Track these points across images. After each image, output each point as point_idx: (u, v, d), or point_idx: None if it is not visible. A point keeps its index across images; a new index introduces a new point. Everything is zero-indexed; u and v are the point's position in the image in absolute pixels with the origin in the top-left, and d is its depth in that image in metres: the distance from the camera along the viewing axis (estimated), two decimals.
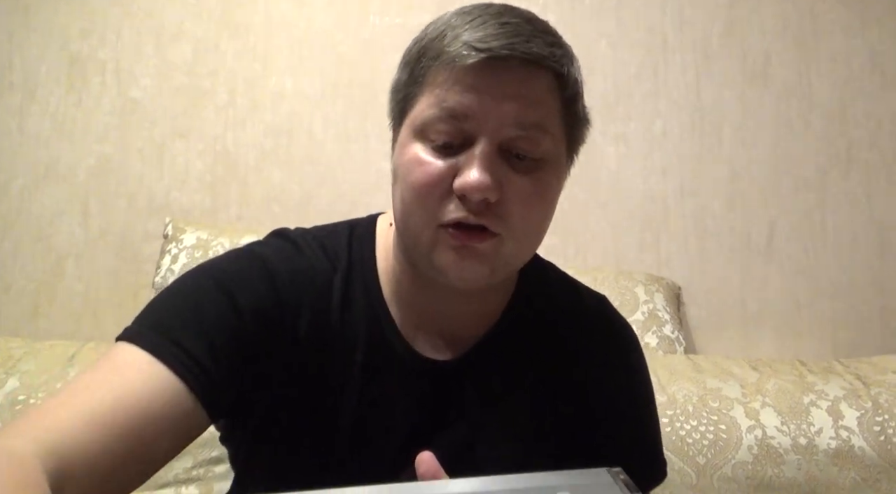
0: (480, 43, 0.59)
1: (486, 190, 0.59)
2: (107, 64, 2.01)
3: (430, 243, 0.63)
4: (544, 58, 0.60)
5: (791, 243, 1.90)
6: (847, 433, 1.24)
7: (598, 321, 0.77)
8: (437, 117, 0.61)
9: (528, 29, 0.61)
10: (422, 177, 0.62)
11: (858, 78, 1.95)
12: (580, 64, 0.67)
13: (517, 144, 0.61)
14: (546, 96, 0.62)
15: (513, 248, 0.64)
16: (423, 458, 0.52)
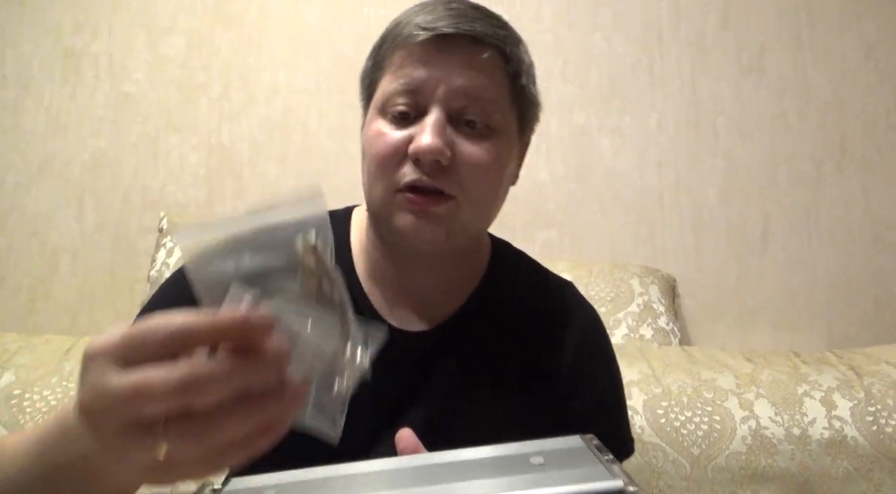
0: (429, 24, 0.67)
1: (436, 152, 0.65)
2: (100, 58, 2.01)
3: (390, 208, 0.69)
4: (487, 35, 0.68)
5: (786, 235, 1.90)
6: (840, 423, 1.24)
7: (564, 302, 0.81)
8: (395, 91, 0.68)
9: (473, 13, 0.69)
10: (381, 147, 0.68)
11: (854, 71, 1.95)
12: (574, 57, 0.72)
13: (466, 112, 0.67)
14: (491, 70, 0.68)
15: (468, 212, 0.69)
16: (402, 435, 0.55)
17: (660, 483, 1.23)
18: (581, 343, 0.78)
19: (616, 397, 0.81)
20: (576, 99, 1.98)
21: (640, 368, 1.36)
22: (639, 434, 1.26)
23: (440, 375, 0.74)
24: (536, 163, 1.95)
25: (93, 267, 1.94)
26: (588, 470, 0.50)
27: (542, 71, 2.19)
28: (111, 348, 0.36)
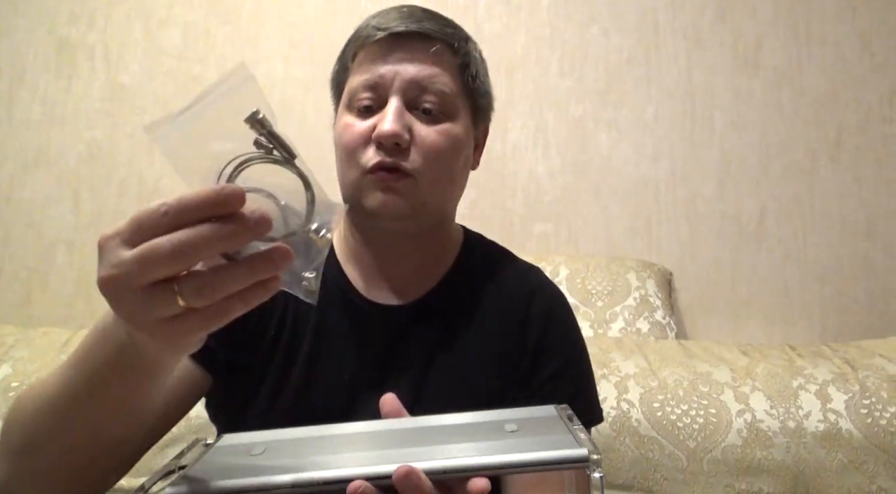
0: (382, 25, 0.77)
1: (395, 135, 0.74)
2: (96, 48, 1.99)
3: (361, 190, 0.76)
4: (435, 31, 0.77)
5: (781, 228, 1.91)
6: (835, 416, 1.25)
7: (530, 283, 0.88)
8: (358, 88, 0.77)
9: (421, 14, 0.79)
10: (349, 137, 0.77)
11: (849, 63, 1.95)
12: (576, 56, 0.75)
13: (421, 100, 0.76)
14: (440, 62, 0.78)
15: (426, 188, 0.77)
16: (386, 399, 0.59)
17: (656, 475, 1.24)
18: (546, 317, 0.85)
19: (580, 365, 0.86)
20: (572, 92, 1.98)
21: (636, 362, 1.37)
22: (635, 428, 1.27)
23: (414, 344, 0.80)
24: (533, 157, 1.95)
25: (89, 259, 1.93)
26: (557, 438, 0.53)
27: (539, 64, 2.18)
28: (119, 232, 0.43)
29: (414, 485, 0.50)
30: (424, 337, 0.82)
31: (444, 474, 0.51)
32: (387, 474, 0.50)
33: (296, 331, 0.81)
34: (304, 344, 0.80)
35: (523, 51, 1.99)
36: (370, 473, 0.51)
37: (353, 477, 0.50)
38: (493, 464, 0.52)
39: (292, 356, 0.80)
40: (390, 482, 0.50)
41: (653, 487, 1.24)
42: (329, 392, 0.78)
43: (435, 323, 0.83)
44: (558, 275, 1.67)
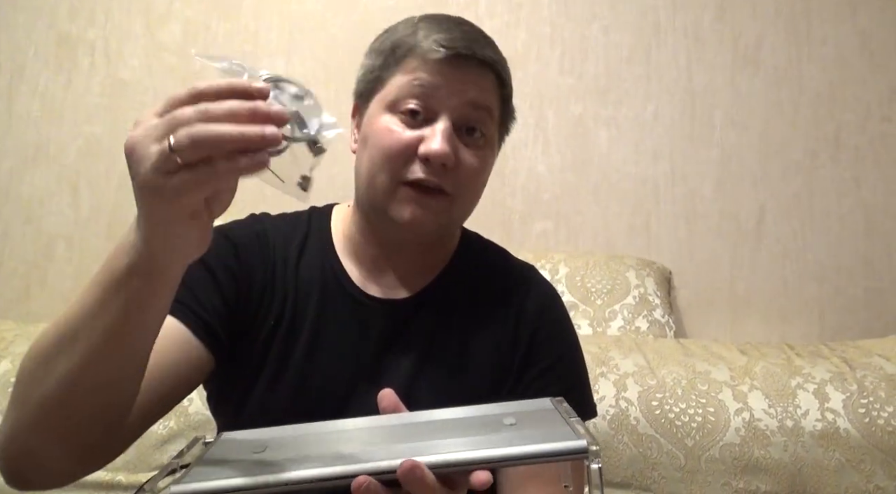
0: (448, 42, 0.77)
1: (446, 157, 0.75)
2: (96, 44, 1.99)
3: (391, 198, 0.78)
4: (494, 61, 0.79)
5: (780, 226, 1.92)
6: (833, 415, 1.26)
7: (525, 280, 0.90)
8: (408, 92, 0.77)
9: (483, 39, 0.80)
10: (392, 142, 0.77)
11: (848, 62, 1.95)
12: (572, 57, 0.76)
13: (469, 123, 0.78)
14: (491, 89, 0.80)
15: (458, 208, 0.81)
16: (384, 394, 0.60)
17: (654, 473, 1.24)
18: (539, 313, 0.86)
19: (573, 359, 0.88)
20: (573, 90, 1.98)
21: (635, 360, 1.37)
22: (634, 426, 1.27)
23: (411, 338, 0.82)
24: (533, 154, 1.95)
25: (88, 254, 1.93)
26: (556, 431, 0.55)
27: (539, 62, 2.18)
28: (154, 108, 0.49)
29: (418, 479, 0.50)
30: (421, 331, 0.83)
31: (446, 467, 0.52)
32: (391, 469, 0.51)
33: (294, 323, 0.82)
34: (303, 336, 0.81)
35: (524, 48, 1.99)
36: (374, 468, 0.51)
37: (357, 473, 0.51)
38: (495, 457, 0.52)
39: (290, 347, 0.81)
40: (394, 476, 0.50)
41: (651, 485, 1.25)
42: (326, 383, 0.79)
43: (431, 318, 0.84)
44: (557, 273, 1.67)
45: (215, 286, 0.79)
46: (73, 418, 0.61)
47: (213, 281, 0.79)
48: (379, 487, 0.51)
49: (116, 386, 0.63)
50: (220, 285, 0.80)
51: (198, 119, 0.47)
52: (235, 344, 0.81)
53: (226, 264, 0.81)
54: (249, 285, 0.82)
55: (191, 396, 1.32)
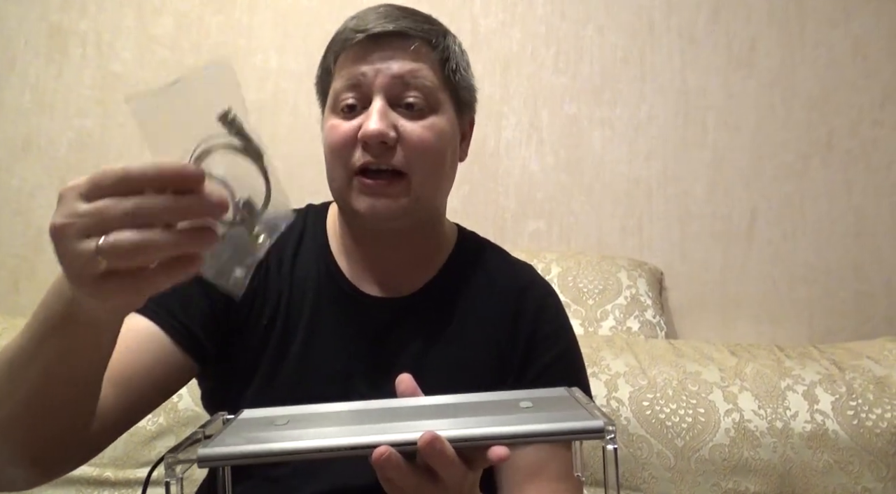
0: (360, 27, 0.79)
1: (380, 134, 0.75)
2: (87, 36, 1.97)
3: (348, 191, 0.78)
4: (412, 29, 0.79)
5: (771, 229, 1.92)
6: (822, 417, 1.26)
7: (523, 278, 0.90)
8: (341, 89, 0.79)
9: (398, 13, 0.80)
10: (335, 137, 0.78)
11: (841, 67, 1.96)
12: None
13: (404, 96, 0.78)
14: (420, 58, 0.79)
15: (419, 185, 0.78)
16: (402, 378, 0.60)
17: (644, 473, 1.25)
18: (537, 311, 0.87)
19: (572, 356, 0.88)
20: (567, 90, 1.98)
21: (626, 360, 1.37)
22: (624, 426, 1.27)
23: (408, 337, 0.82)
24: (527, 154, 1.95)
25: None
26: (573, 413, 0.56)
27: (534, 61, 2.18)
28: (78, 186, 0.45)
29: (438, 451, 0.51)
30: (418, 329, 0.83)
31: (466, 442, 0.52)
32: (412, 441, 0.51)
33: (289, 322, 0.82)
34: (298, 335, 0.82)
35: (519, 47, 1.99)
36: (395, 440, 0.52)
37: (378, 444, 0.51)
38: (514, 433, 0.53)
39: (285, 347, 0.81)
40: (415, 448, 0.51)
41: (640, 485, 1.25)
42: (323, 383, 0.79)
43: (429, 317, 0.84)
44: (550, 273, 1.67)
45: (202, 288, 0.79)
46: (31, 435, 0.62)
47: (200, 283, 0.79)
48: (399, 458, 0.51)
49: (70, 407, 0.63)
50: (208, 286, 0.79)
51: (128, 222, 0.43)
52: (228, 345, 0.81)
53: None
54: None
55: (180, 392, 1.31)
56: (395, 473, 0.52)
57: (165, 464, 0.51)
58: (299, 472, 0.78)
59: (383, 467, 0.52)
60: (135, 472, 1.30)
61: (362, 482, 0.76)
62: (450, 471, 0.52)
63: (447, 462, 0.52)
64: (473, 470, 0.55)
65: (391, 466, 0.51)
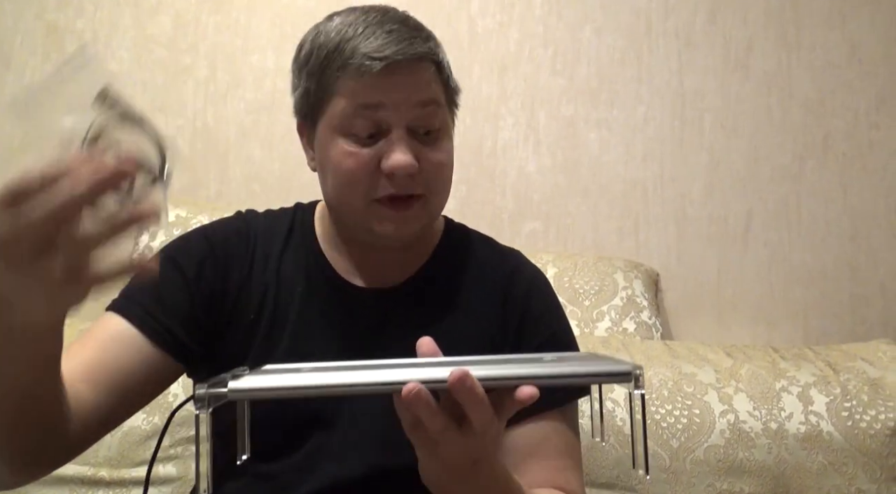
0: (377, 53, 0.75)
1: (409, 168, 0.76)
2: (84, 35, 1.97)
3: (369, 216, 0.79)
4: (426, 54, 0.78)
5: (767, 230, 1.93)
6: (816, 418, 1.27)
7: (510, 263, 0.91)
8: (356, 114, 0.76)
9: (408, 32, 0.78)
10: (353, 165, 0.77)
11: (837, 69, 1.97)
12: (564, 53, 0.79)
13: (421, 123, 0.78)
14: (431, 80, 0.79)
15: (435, 203, 0.82)
16: (423, 342, 0.60)
17: (639, 474, 1.25)
18: (526, 296, 0.88)
19: (566, 337, 0.89)
20: (564, 91, 1.98)
21: None
22: (619, 427, 1.28)
23: (398, 327, 0.83)
24: (524, 155, 1.95)
25: None
26: (599, 361, 0.57)
27: (532, 62, 2.17)
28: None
29: (468, 388, 0.51)
30: (407, 320, 0.83)
31: (495, 382, 0.52)
32: (442, 378, 0.51)
33: (276, 317, 0.83)
34: (287, 328, 0.82)
35: (516, 48, 1.99)
36: (425, 377, 0.52)
37: (408, 380, 0.51)
38: (544, 374, 0.53)
39: (273, 341, 0.82)
40: (445, 386, 0.51)
41: (635, 486, 1.25)
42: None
43: (418, 307, 0.85)
44: (546, 274, 1.67)
45: (184, 285, 0.80)
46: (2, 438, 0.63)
47: (182, 281, 0.80)
48: (429, 395, 0.51)
49: (37, 412, 0.64)
50: (189, 284, 0.81)
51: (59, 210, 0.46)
52: (212, 343, 0.81)
53: (198, 262, 0.82)
54: (224, 282, 0.83)
55: (175, 391, 1.31)
56: (425, 411, 0.52)
57: (196, 398, 0.52)
58: (293, 468, 0.78)
59: (413, 403, 0.51)
60: (129, 472, 1.30)
61: (359, 474, 0.76)
62: (479, 411, 0.52)
63: (477, 401, 0.51)
64: (500, 418, 0.55)
65: (421, 402, 0.51)
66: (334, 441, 0.79)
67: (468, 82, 1.96)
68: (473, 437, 0.54)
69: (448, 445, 0.55)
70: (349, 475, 0.77)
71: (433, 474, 0.61)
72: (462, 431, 0.54)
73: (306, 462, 0.78)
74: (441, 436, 0.54)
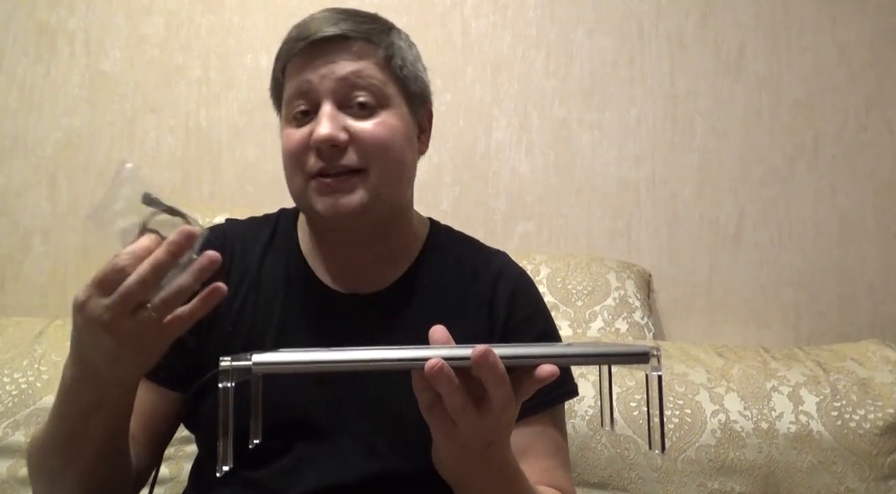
0: (302, 33, 0.80)
1: (330, 138, 0.76)
2: (76, 34, 1.96)
3: (308, 195, 0.79)
4: (351, 30, 0.80)
5: (758, 232, 1.94)
6: (806, 418, 1.28)
7: (496, 265, 0.91)
8: (291, 97, 0.81)
9: (337, 16, 0.81)
10: (290, 145, 0.80)
11: (826, 72, 1.99)
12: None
13: (352, 97, 0.79)
14: (362, 57, 0.80)
15: (378, 179, 0.79)
16: (436, 329, 0.60)
17: (631, 474, 1.26)
18: (511, 297, 0.87)
19: (552, 336, 0.88)
20: (557, 92, 1.99)
21: None
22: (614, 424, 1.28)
23: (383, 333, 0.80)
24: (517, 156, 1.96)
25: (65, 248, 1.91)
26: (615, 344, 0.58)
27: (525, 64, 2.18)
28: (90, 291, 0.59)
29: (491, 364, 0.52)
30: (391, 324, 0.83)
31: (517, 360, 0.53)
32: (465, 356, 0.52)
33: (256, 327, 0.83)
34: (268, 337, 0.82)
35: (509, 50, 2.00)
36: (448, 354, 0.52)
37: (430, 357, 0.52)
38: (564, 353, 0.54)
39: (255, 349, 0.81)
40: (467, 363, 0.52)
41: (627, 486, 1.26)
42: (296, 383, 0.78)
43: (403, 312, 0.84)
44: (539, 275, 1.68)
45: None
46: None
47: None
48: (451, 371, 0.52)
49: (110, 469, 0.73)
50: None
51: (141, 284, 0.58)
52: (201, 360, 0.82)
53: None
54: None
55: None
56: (447, 387, 0.53)
57: (220, 370, 0.54)
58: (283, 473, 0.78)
59: (436, 379, 0.52)
60: None
61: (346, 480, 0.76)
62: (500, 388, 0.53)
63: (498, 378, 0.52)
64: (517, 399, 0.55)
65: (444, 378, 0.52)
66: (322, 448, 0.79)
67: (461, 84, 1.97)
68: (491, 418, 0.55)
69: (465, 425, 0.55)
70: (337, 481, 0.77)
71: (447, 455, 0.62)
72: (480, 411, 0.55)
73: (293, 468, 0.78)
74: (459, 415, 0.55)
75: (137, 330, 0.58)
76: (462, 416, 0.55)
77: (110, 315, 0.57)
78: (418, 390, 0.56)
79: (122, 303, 0.57)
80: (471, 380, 0.54)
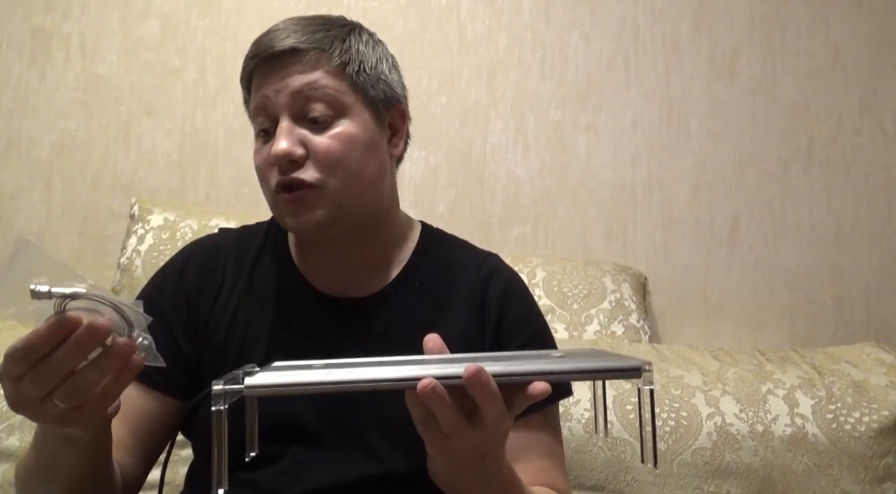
0: (254, 53, 0.81)
1: (285, 154, 0.76)
2: (72, 37, 1.96)
3: (278, 210, 0.81)
4: (302, 42, 0.79)
5: (753, 234, 1.95)
6: (802, 420, 1.28)
7: (487, 267, 0.91)
8: (253, 115, 0.82)
9: (291, 28, 0.82)
10: (257, 161, 0.82)
11: (821, 75, 1.99)
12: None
13: (308, 109, 0.78)
14: (315, 68, 0.79)
15: (335, 193, 0.78)
16: (430, 338, 0.60)
17: (627, 477, 1.26)
18: (502, 299, 0.87)
19: (544, 337, 0.89)
20: (552, 95, 1.99)
21: None
22: (608, 429, 1.28)
23: (375, 336, 0.83)
24: (513, 159, 1.96)
25: (60, 252, 1.90)
26: (608, 357, 0.57)
27: (520, 67, 2.19)
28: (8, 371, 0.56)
29: (483, 383, 0.52)
30: (383, 328, 0.84)
31: (509, 378, 0.53)
32: (457, 374, 0.52)
33: (248, 333, 0.83)
34: (261, 343, 0.82)
35: (505, 53, 2.00)
36: (440, 373, 0.52)
37: (423, 377, 0.52)
38: (555, 370, 0.54)
39: (247, 356, 0.81)
40: (459, 382, 0.52)
41: (624, 489, 1.26)
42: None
43: (395, 315, 0.84)
44: (535, 278, 1.68)
45: (165, 325, 0.83)
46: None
47: (163, 321, 0.82)
48: (444, 390, 0.52)
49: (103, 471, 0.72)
50: (169, 322, 0.83)
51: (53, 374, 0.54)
52: (199, 369, 0.83)
53: (171, 295, 0.85)
54: (196, 308, 0.85)
55: None
56: (439, 406, 0.53)
57: (213, 395, 0.53)
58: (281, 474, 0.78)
59: (429, 398, 0.52)
60: None
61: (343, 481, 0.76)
62: (493, 405, 0.53)
63: (491, 395, 0.52)
64: (510, 413, 0.56)
65: (436, 397, 0.52)
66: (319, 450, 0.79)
67: (457, 87, 1.97)
68: (484, 431, 0.55)
69: (459, 439, 0.56)
70: (335, 482, 0.77)
71: (442, 468, 0.63)
72: (473, 426, 0.55)
73: (291, 469, 0.78)
74: (453, 431, 0.55)
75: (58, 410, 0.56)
76: (456, 431, 0.55)
77: (20, 401, 0.56)
78: (412, 405, 0.56)
79: (22, 397, 0.56)
80: (464, 395, 0.54)
